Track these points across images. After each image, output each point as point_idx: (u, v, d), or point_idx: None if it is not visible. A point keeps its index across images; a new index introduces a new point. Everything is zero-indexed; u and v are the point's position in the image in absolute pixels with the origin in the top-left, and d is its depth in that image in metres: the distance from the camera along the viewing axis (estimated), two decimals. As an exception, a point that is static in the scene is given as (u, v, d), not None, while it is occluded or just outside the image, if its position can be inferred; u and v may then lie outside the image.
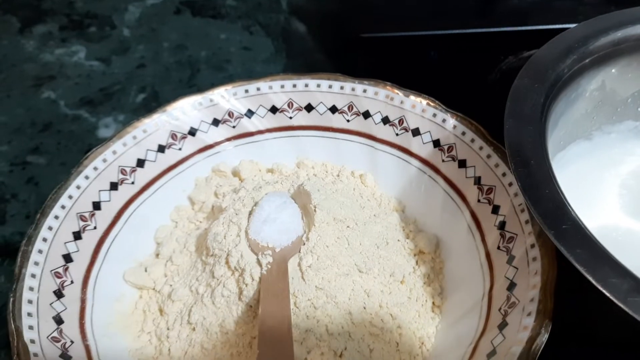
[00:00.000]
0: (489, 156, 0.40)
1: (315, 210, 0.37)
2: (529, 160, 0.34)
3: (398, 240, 0.41)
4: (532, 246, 0.34)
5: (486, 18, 0.60)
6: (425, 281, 0.40)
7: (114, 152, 0.42)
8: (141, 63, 0.64)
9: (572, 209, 0.33)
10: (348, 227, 0.38)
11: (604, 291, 0.28)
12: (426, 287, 0.39)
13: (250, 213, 0.39)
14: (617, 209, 0.44)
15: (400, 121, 0.45)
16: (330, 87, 0.47)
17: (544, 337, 0.30)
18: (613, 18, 0.41)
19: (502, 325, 0.33)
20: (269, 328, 0.30)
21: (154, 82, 0.61)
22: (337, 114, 0.47)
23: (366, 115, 0.46)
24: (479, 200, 0.40)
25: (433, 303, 0.39)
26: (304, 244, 0.37)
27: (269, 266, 0.35)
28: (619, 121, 0.46)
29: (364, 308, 0.36)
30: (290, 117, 0.47)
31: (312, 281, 0.35)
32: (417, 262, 0.40)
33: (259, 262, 0.36)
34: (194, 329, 0.36)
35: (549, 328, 0.30)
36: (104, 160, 0.42)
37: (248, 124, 0.47)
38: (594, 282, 0.28)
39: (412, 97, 0.44)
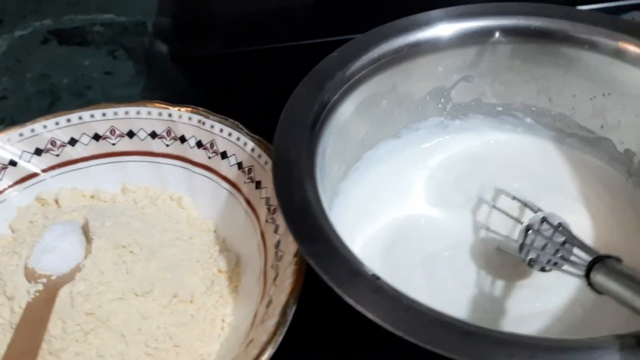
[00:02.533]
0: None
1: (92, 238, 0.39)
2: (290, 170, 0.36)
3: (197, 261, 0.43)
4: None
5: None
6: (217, 299, 0.41)
7: None
8: (3, 95, 0.65)
9: (321, 210, 0.35)
10: (131, 252, 0.40)
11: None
12: (217, 305, 0.41)
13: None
14: (423, 200, 0.47)
15: (212, 144, 0.47)
16: (149, 113, 0.48)
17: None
18: (394, 26, 0.44)
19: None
20: (17, 354, 0.32)
21: (13, 113, 0.62)
22: (157, 139, 0.49)
23: (182, 139, 0.48)
24: (267, 220, 0.42)
25: (223, 320, 0.41)
26: (80, 271, 0.38)
27: (37, 294, 0.36)
28: (423, 118, 0.48)
29: (139, 330, 0.37)
30: (114, 144, 0.49)
31: (81, 307, 0.36)
32: (212, 282, 0.42)
33: (28, 291, 0.37)
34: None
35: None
36: None
37: (72, 152, 0.49)
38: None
39: (221, 122, 0.46)
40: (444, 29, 0.45)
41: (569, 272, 0.36)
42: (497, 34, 0.44)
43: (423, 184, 0.48)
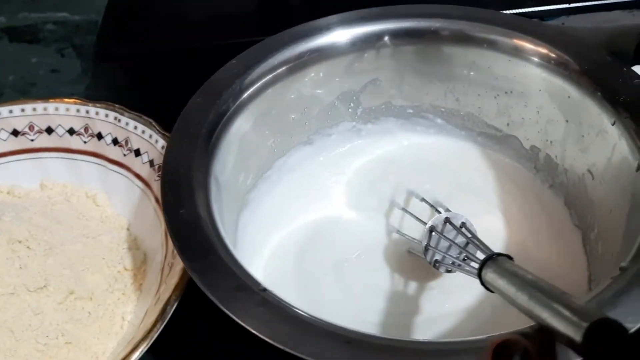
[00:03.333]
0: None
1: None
2: (180, 184, 0.36)
3: (103, 259, 0.42)
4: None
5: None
6: (119, 297, 0.41)
7: None
8: (-52, 91, 0.65)
9: (212, 224, 0.35)
10: (28, 247, 0.39)
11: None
12: (118, 303, 0.41)
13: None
14: (337, 205, 0.47)
15: (126, 142, 0.47)
16: (67, 110, 0.48)
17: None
18: (293, 32, 0.44)
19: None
20: None
21: (-47, 108, 0.62)
22: (74, 135, 0.48)
23: (99, 136, 0.48)
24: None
25: (123, 317, 0.40)
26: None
27: None
28: (335, 123, 0.48)
29: (29, 325, 0.37)
30: (32, 140, 0.49)
31: (-31, 301, 0.36)
32: (115, 279, 0.42)
33: None
34: None
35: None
36: None
37: (-11, 148, 0.48)
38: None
39: (135, 119, 0.46)
40: (343, 34, 0.45)
41: (468, 272, 0.35)
42: (394, 36, 0.44)
43: (337, 190, 0.48)
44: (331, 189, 0.47)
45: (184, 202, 0.35)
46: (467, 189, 0.45)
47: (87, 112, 0.48)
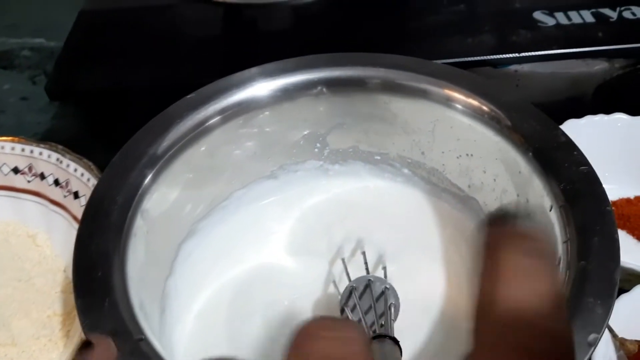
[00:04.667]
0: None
1: None
2: (99, 217, 0.36)
3: (33, 303, 0.43)
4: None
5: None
6: (46, 343, 0.41)
7: None
8: None
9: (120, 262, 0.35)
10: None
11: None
12: (44, 350, 0.41)
13: None
14: (286, 245, 0.46)
15: (67, 183, 0.47)
16: (12, 149, 0.49)
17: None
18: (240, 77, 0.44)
19: None
20: None
21: None
22: (19, 174, 0.49)
23: (42, 176, 0.48)
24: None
25: (46, 365, 0.40)
26: None
27: None
28: (301, 161, 0.48)
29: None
30: (-22, 178, 0.49)
31: None
32: (44, 325, 0.42)
33: None
34: None
35: None
36: None
37: None
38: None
39: (75, 161, 0.46)
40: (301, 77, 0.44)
41: None
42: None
43: (291, 228, 0.47)
44: (285, 226, 0.46)
45: (95, 238, 0.35)
46: (418, 244, 0.44)
47: (32, 151, 0.48)
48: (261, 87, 0.43)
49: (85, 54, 0.58)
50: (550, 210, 0.36)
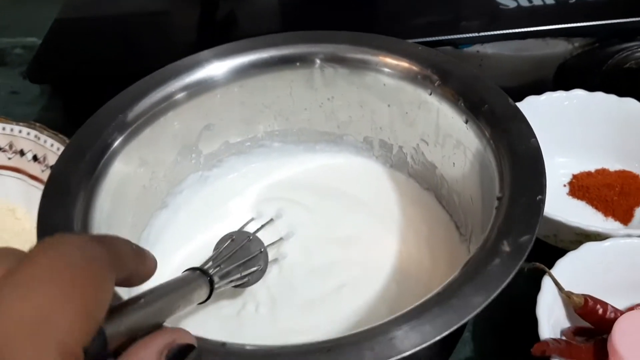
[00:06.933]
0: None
1: None
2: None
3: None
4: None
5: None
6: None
7: None
8: None
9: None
10: None
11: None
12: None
13: None
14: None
15: (44, 158, 0.49)
16: (-6, 128, 0.51)
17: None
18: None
19: None
20: None
21: None
22: (0, 152, 0.51)
23: (22, 153, 0.50)
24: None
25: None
26: None
27: None
28: (182, 179, 0.47)
29: None
30: (-39, 156, 0.52)
31: None
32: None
33: None
34: None
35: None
36: None
37: None
38: None
39: (52, 137, 0.49)
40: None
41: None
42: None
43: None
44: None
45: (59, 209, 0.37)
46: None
47: (12, 130, 0.51)
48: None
49: (60, 46, 0.61)
50: (430, 95, 0.42)
